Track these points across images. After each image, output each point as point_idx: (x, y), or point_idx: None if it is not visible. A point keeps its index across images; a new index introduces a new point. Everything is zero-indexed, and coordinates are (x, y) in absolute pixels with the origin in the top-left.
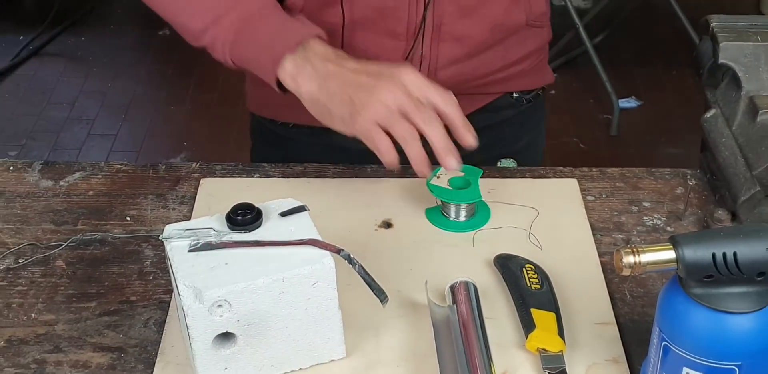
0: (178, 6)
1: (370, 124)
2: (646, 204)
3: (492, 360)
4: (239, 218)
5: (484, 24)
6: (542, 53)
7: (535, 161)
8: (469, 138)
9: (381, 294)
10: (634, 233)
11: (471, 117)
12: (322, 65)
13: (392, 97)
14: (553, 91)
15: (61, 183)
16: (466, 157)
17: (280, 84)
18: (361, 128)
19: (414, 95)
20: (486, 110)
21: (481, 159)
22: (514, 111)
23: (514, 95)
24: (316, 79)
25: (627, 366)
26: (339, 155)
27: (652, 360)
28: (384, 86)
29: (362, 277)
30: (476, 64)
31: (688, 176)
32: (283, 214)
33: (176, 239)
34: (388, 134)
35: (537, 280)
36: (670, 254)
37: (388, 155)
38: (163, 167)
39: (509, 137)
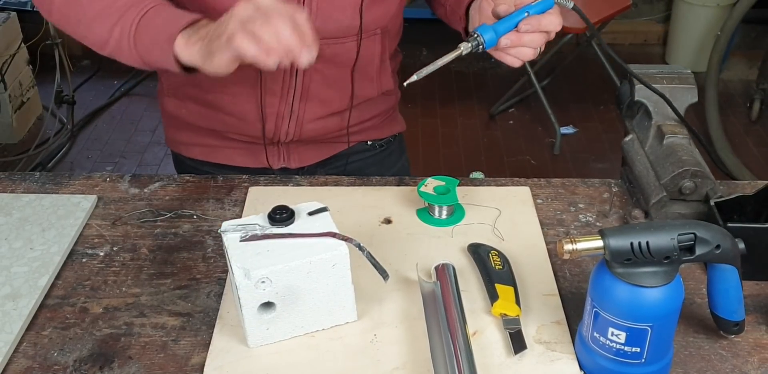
0: (86, 17)
1: (238, 39)
2: (581, 205)
3: (466, 322)
4: (277, 216)
5: (343, 93)
6: (391, 111)
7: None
8: (310, 45)
9: (383, 273)
10: (572, 227)
11: (336, 159)
12: (204, 30)
13: (248, 7)
14: (511, 122)
15: (145, 190)
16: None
17: (183, 66)
18: (231, 45)
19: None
20: (348, 154)
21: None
22: (371, 153)
23: (369, 142)
24: (201, 40)
25: (567, 326)
26: None
27: (585, 322)
28: (239, 7)
29: (369, 260)
30: (336, 121)
31: (612, 185)
32: (310, 213)
33: (231, 232)
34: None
35: (500, 262)
36: (599, 243)
37: (260, 58)
38: (221, 178)
39: (373, 172)
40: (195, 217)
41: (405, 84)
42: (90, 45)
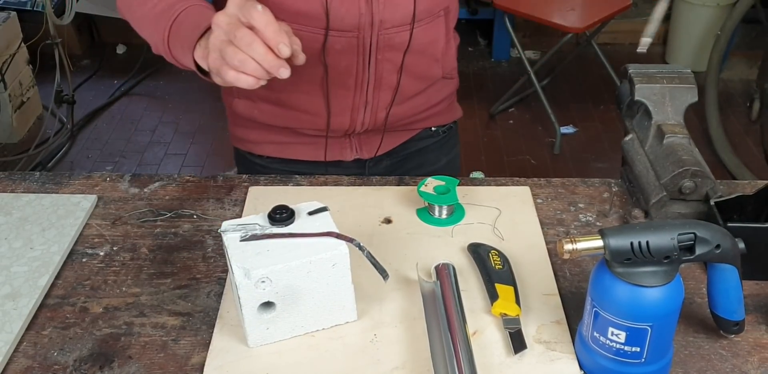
0: (135, 21)
1: (218, 65)
2: (581, 205)
3: (466, 322)
4: (277, 216)
5: (412, 77)
6: (453, 97)
7: (455, 174)
8: (281, 48)
9: (383, 273)
10: (572, 227)
11: (402, 146)
12: (205, 43)
13: (216, 34)
14: (511, 121)
15: (145, 190)
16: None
17: (202, 70)
18: (214, 71)
19: (236, 21)
20: (412, 140)
21: (412, 177)
22: (433, 140)
23: (433, 128)
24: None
25: (567, 326)
26: None
27: (585, 321)
28: (213, 33)
29: (369, 260)
30: (405, 108)
31: (612, 184)
32: (310, 213)
33: (231, 232)
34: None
35: (500, 262)
36: (599, 243)
37: (239, 82)
38: (221, 178)
39: (432, 158)
40: (195, 217)
41: (641, 49)
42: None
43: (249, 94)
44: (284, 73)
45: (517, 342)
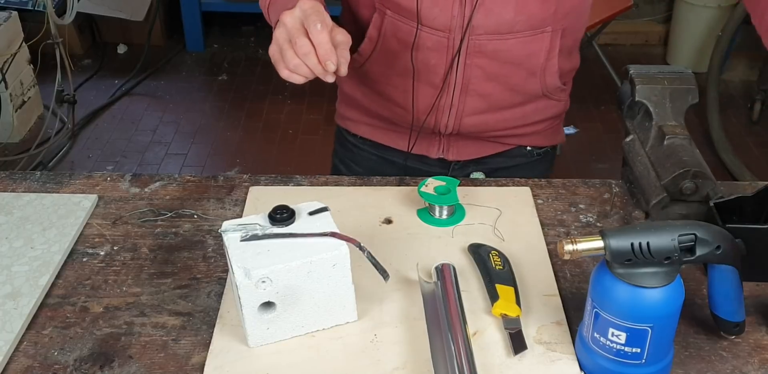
0: None
1: (277, 59)
2: (581, 206)
3: (466, 323)
4: (278, 216)
5: (504, 88)
6: (557, 120)
7: None
8: (328, 65)
9: (383, 273)
10: (573, 227)
11: (492, 158)
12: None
13: (280, 30)
14: None
15: (146, 190)
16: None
17: None
18: (273, 62)
19: (299, 26)
20: (502, 155)
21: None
22: (526, 160)
23: (528, 148)
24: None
25: (567, 327)
26: (389, 166)
27: (586, 322)
28: (277, 29)
29: (369, 260)
30: (497, 119)
31: (613, 185)
32: (311, 213)
33: (231, 232)
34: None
35: (500, 262)
36: (599, 244)
37: (290, 79)
38: (222, 178)
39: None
40: (195, 216)
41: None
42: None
43: (355, 75)
44: (329, 79)
45: (518, 343)
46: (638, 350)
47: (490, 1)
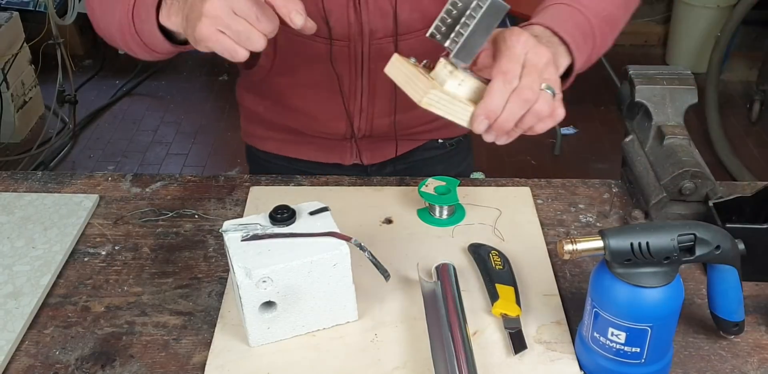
0: (106, 13)
1: (208, 32)
2: (581, 206)
3: (466, 322)
4: (279, 216)
5: None
6: None
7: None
8: (293, 16)
9: (384, 273)
10: (572, 227)
11: (407, 154)
12: (183, 1)
13: (210, 8)
14: None
15: (147, 190)
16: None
17: (170, 37)
18: (201, 37)
19: None
20: (418, 150)
21: (413, 178)
22: (440, 152)
23: (440, 140)
24: (181, 11)
25: (567, 327)
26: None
27: (585, 322)
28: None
29: (370, 260)
30: (408, 117)
31: (612, 185)
32: (311, 213)
33: (232, 232)
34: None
35: (500, 262)
36: (599, 244)
37: (229, 53)
38: (222, 178)
39: (439, 170)
40: (196, 216)
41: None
42: (110, 41)
43: (256, 89)
44: (298, 19)
45: (518, 343)
46: (638, 349)
47: (384, 2)
